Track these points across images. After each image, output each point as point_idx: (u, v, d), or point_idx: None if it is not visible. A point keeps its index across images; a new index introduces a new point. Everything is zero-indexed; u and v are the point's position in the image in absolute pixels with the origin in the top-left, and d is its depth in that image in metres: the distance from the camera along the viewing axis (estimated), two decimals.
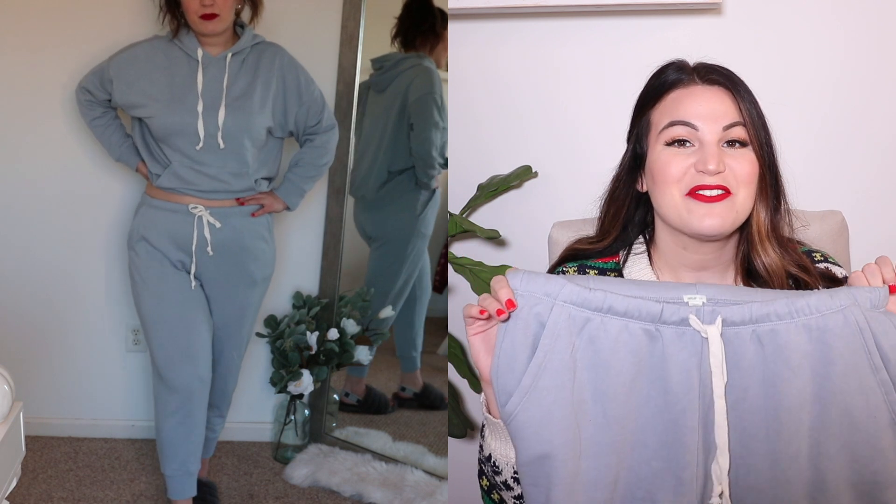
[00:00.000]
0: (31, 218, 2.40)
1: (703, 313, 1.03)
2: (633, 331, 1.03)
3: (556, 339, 1.03)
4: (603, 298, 1.03)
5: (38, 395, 2.46)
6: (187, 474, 2.08)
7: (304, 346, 2.37)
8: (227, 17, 1.96)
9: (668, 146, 1.22)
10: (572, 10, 1.77)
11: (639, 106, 1.30)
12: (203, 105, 1.95)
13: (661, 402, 1.04)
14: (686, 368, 1.03)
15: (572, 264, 1.34)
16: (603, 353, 1.03)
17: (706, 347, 1.03)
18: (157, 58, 2.00)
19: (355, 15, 2.33)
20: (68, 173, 2.37)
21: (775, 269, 1.22)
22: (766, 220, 1.23)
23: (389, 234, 2.47)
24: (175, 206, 2.01)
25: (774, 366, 1.02)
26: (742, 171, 1.19)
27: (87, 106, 2.08)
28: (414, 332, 2.55)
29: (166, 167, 2.00)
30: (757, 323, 1.02)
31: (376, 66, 2.39)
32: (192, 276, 2.02)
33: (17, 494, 2.20)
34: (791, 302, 1.01)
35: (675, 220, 1.21)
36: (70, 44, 2.29)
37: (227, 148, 1.97)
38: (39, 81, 2.32)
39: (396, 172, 2.40)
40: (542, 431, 1.03)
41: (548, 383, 1.03)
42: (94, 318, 2.46)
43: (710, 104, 1.21)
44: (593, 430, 1.04)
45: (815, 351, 1.01)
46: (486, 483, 1.24)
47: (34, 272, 2.43)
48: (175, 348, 2.01)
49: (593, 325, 1.03)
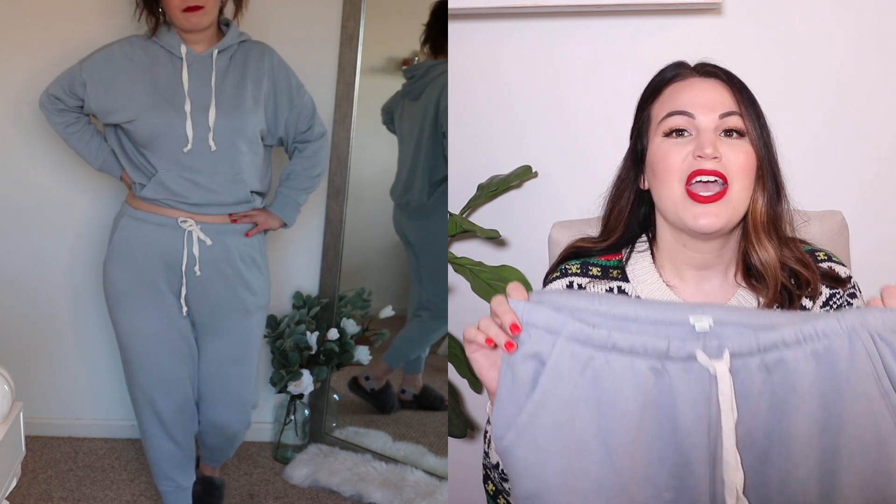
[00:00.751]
0: (31, 218, 2.40)
1: (710, 348, 1.00)
2: (639, 368, 1.00)
3: (557, 378, 1.00)
4: (606, 336, 1.00)
5: (38, 395, 2.46)
6: (179, 489, 2.08)
7: (304, 346, 2.37)
8: (212, 9, 1.81)
9: (667, 137, 1.22)
10: (572, 10, 1.77)
11: (640, 103, 1.31)
12: (191, 105, 1.81)
13: (671, 438, 1.02)
14: (694, 404, 1.01)
15: (575, 262, 1.34)
16: (607, 391, 1.00)
17: (714, 383, 1.00)
18: (136, 57, 1.84)
19: (355, 15, 2.32)
20: (68, 173, 2.37)
21: (770, 264, 1.21)
22: (762, 213, 1.22)
23: (433, 244, 2.43)
24: (163, 220, 1.85)
25: (782, 392, 0.99)
26: (737, 161, 1.19)
27: (56, 114, 1.90)
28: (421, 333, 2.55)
29: (150, 176, 1.84)
30: (764, 352, 0.99)
31: (408, 75, 2.37)
32: (183, 299, 1.88)
33: (17, 494, 2.20)
34: (798, 329, 0.99)
35: (672, 217, 1.21)
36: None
37: (218, 151, 1.82)
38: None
39: (437, 183, 2.35)
40: (538, 471, 1.01)
41: (545, 422, 1.00)
42: (94, 318, 2.45)
43: (707, 93, 1.22)
44: (597, 471, 1.01)
45: (823, 376, 0.99)
46: (492, 488, 1.24)
47: (34, 272, 2.43)
48: (157, 376, 1.93)
49: (597, 363, 1.00)
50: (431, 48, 2.32)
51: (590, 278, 1.31)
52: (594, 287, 1.30)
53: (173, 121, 1.81)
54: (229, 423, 2.03)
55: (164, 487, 2.07)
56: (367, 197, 2.52)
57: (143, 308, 1.88)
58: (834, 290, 1.27)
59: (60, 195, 2.39)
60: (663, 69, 1.30)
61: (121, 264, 1.89)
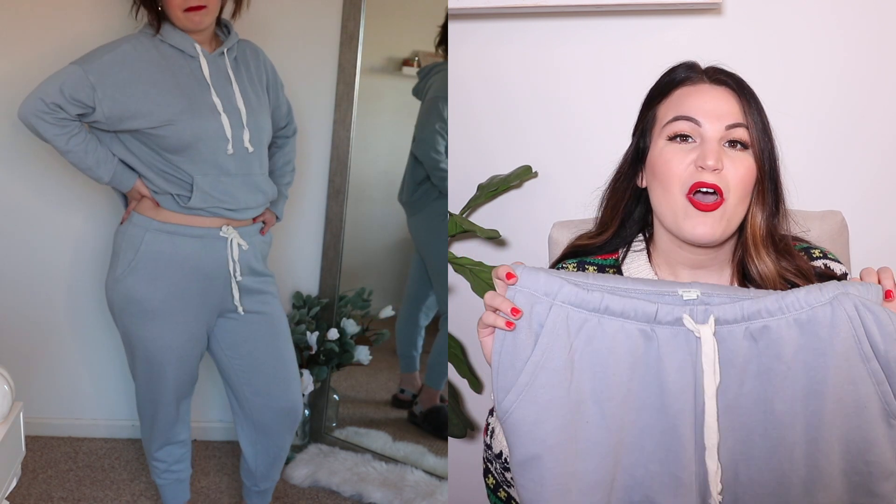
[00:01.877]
0: (31, 218, 2.40)
1: (697, 313, 1.04)
2: (630, 331, 1.04)
3: (554, 338, 1.04)
4: (600, 299, 1.04)
5: (38, 395, 2.46)
6: (178, 481, 2.08)
7: (304, 346, 2.37)
8: (214, 9, 1.76)
9: (671, 141, 1.22)
10: (572, 10, 1.77)
11: (647, 101, 1.31)
12: (222, 105, 1.75)
13: (658, 403, 1.05)
14: (681, 368, 1.04)
15: (572, 261, 1.35)
16: (600, 353, 1.04)
17: (700, 347, 1.04)
18: (151, 57, 1.74)
19: (355, 15, 2.33)
20: (67, 173, 2.37)
21: (769, 276, 1.22)
22: (762, 226, 1.23)
23: (429, 241, 2.43)
24: (202, 231, 1.78)
25: (767, 360, 1.03)
26: (737, 174, 1.19)
27: (56, 124, 1.72)
28: (416, 331, 2.55)
29: (182, 185, 1.76)
30: (749, 320, 1.03)
31: (420, 75, 2.38)
32: (239, 303, 1.85)
33: (17, 494, 2.20)
34: (781, 297, 1.03)
35: (670, 223, 1.22)
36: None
37: (255, 151, 1.80)
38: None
39: (424, 180, 2.37)
40: (537, 430, 1.04)
41: (544, 381, 1.04)
42: (94, 318, 2.46)
43: (715, 102, 1.22)
44: (590, 431, 1.05)
45: (806, 344, 1.02)
46: (493, 481, 1.25)
47: (35, 272, 2.43)
48: (184, 381, 1.92)
49: (590, 325, 1.05)
50: (445, 50, 2.31)
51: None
52: None
53: (212, 124, 1.74)
54: (296, 404, 1.97)
55: (162, 481, 2.08)
56: (367, 197, 2.53)
57: (176, 323, 1.83)
58: None
59: (61, 196, 2.39)
60: (675, 68, 1.29)
61: (151, 280, 1.79)
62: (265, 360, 1.94)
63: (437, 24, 2.28)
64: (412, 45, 2.45)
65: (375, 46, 2.39)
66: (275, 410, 1.97)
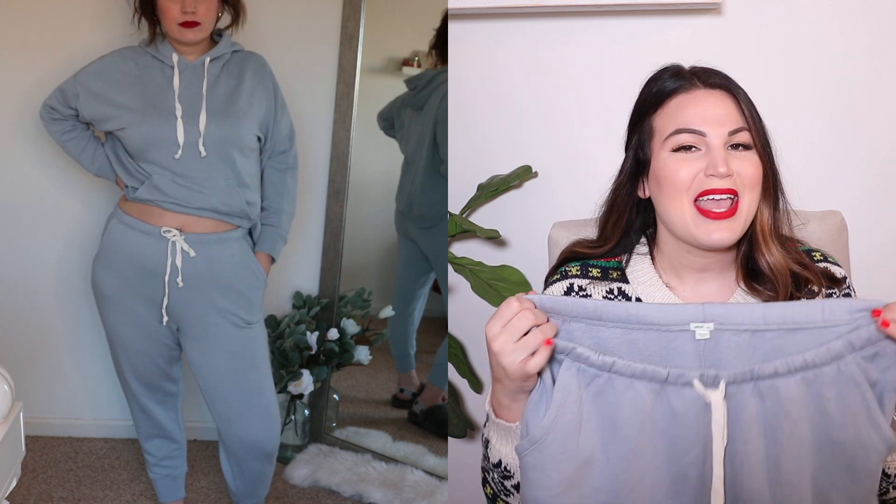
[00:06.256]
0: (31, 218, 2.40)
1: (707, 378, 1.04)
2: (639, 389, 1.05)
3: (567, 393, 1.05)
4: (611, 364, 1.04)
5: (38, 395, 2.46)
6: (169, 478, 2.10)
7: (304, 346, 2.37)
8: (208, 26, 1.84)
9: (675, 152, 1.22)
10: (572, 10, 1.77)
11: (637, 112, 1.30)
12: (182, 110, 1.81)
13: (668, 455, 1.06)
14: (691, 424, 1.05)
15: (575, 264, 1.35)
16: (609, 407, 1.05)
17: (709, 410, 1.04)
18: (127, 67, 1.87)
19: (355, 15, 2.33)
20: (66, 174, 2.37)
21: (779, 269, 1.23)
22: (769, 220, 1.24)
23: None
24: (147, 228, 1.84)
25: (775, 418, 1.03)
26: (747, 174, 1.19)
27: (53, 123, 1.95)
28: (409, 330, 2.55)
29: (144, 182, 1.84)
30: (758, 380, 1.03)
31: (411, 86, 2.35)
32: (164, 309, 1.86)
33: (17, 494, 2.20)
34: (790, 361, 1.02)
35: (681, 232, 1.22)
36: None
37: (211, 157, 1.82)
38: None
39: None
40: (544, 479, 1.06)
41: (556, 436, 1.05)
42: (93, 318, 2.45)
43: (715, 109, 1.22)
44: (597, 481, 1.06)
45: (813, 403, 1.02)
46: (490, 491, 1.24)
47: (35, 273, 2.43)
48: (142, 375, 1.98)
49: (601, 380, 1.05)
50: (439, 54, 2.30)
51: (590, 280, 1.31)
52: (594, 288, 1.30)
53: (163, 127, 1.81)
54: (263, 438, 1.96)
55: (154, 475, 2.11)
56: (367, 197, 2.53)
57: (125, 313, 1.90)
58: (830, 290, 1.29)
59: (59, 196, 2.39)
60: (660, 75, 1.28)
61: (106, 267, 1.90)
62: (227, 389, 1.93)
63: (437, 24, 2.27)
64: (412, 45, 2.45)
65: (375, 46, 2.39)
66: (242, 441, 1.96)
